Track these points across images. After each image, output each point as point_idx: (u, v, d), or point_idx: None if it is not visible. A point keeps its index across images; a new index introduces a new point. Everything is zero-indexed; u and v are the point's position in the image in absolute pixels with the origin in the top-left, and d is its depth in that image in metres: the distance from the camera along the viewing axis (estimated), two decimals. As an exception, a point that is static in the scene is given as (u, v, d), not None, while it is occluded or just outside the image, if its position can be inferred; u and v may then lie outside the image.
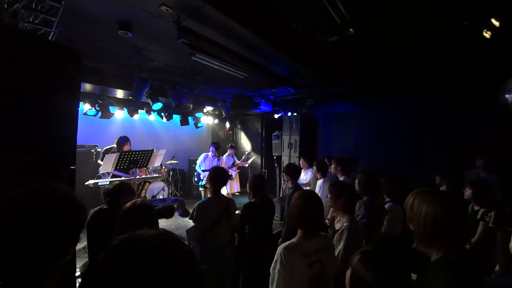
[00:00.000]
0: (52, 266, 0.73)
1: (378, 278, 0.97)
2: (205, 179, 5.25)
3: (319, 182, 3.65)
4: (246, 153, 6.82)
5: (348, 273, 1.08)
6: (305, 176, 4.24)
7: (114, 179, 4.63)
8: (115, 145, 4.66)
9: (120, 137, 4.64)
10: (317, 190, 3.66)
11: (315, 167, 3.83)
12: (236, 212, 2.56)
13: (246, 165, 6.73)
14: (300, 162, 4.38)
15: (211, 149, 5.64)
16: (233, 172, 5.96)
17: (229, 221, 2.35)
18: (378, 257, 1.04)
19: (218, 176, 2.43)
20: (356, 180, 2.56)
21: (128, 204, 1.54)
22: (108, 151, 4.59)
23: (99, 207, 2.14)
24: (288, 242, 1.49)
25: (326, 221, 2.78)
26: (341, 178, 3.33)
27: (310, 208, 1.54)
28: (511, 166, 3.50)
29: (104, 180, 4.57)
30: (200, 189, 5.52)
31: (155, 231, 0.61)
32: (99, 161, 4.97)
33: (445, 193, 1.23)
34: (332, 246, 1.63)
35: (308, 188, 4.17)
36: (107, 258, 0.56)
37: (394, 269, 1.00)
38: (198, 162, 5.60)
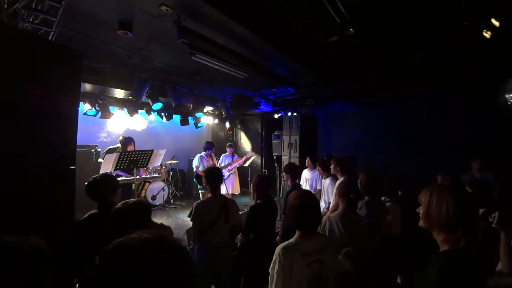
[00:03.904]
0: None
1: (360, 269, 1.06)
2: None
3: (327, 181, 3.67)
4: (249, 153, 6.79)
5: (335, 270, 1.17)
6: (310, 175, 4.26)
7: (117, 178, 4.64)
8: (119, 145, 4.67)
9: (125, 138, 4.64)
10: (324, 189, 3.68)
11: (319, 168, 3.85)
12: (240, 212, 2.55)
13: (246, 165, 6.71)
14: (306, 161, 4.41)
15: (206, 151, 5.61)
16: (225, 173, 5.88)
17: (226, 223, 2.32)
18: (360, 253, 1.14)
19: (212, 175, 2.43)
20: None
21: (120, 204, 1.50)
22: (112, 151, 4.59)
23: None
24: (286, 243, 1.49)
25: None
26: (341, 178, 3.33)
27: (306, 208, 1.53)
28: (509, 166, 3.51)
29: (104, 180, 4.56)
30: (201, 191, 5.49)
31: (150, 234, 0.60)
32: (100, 160, 4.98)
33: (459, 187, 1.29)
34: (331, 245, 1.63)
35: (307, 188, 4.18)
36: (100, 266, 0.56)
37: (376, 263, 1.08)
38: (194, 164, 5.53)
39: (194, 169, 5.50)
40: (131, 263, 0.54)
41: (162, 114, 6.23)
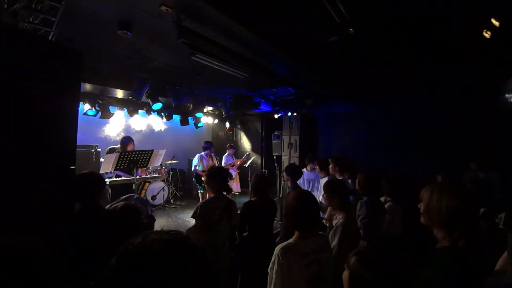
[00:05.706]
0: None
1: (378, 275, 0.99)
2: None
3: (323, 180, 3.68)
4: (246, 154, 6.84)
5: (346, 274, 1.08)
6: (311, 175, 4.28)
7: (117, 178, 4.65)
8: (119, 145, 4.69)
9: (124, 137, 4.66)
10: (321, 187, 3.70)
11: (317, 167, 3.88)
12: (238, 212, 2.57)
13: (246, 165, 6.73)
14: (306, 160, 4.44)
15: (205, 150, 5.61)
16: (233, 172, 5.95)
17: (229, 222, 2.34)
18: (375, 255, 1.07)
19: (216, 174, 2.43)
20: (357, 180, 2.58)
21: (108, 210, 1.50)
22: (112, 150, 4.61)
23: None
24: (285, 243, 1.49)
25: (324, 221, 2.78)
26: (340, 178, 3.34)
27: (305, 208, 1.53)
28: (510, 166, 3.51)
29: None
30: (200, 191, 5.50)
31: (171, 236, 0.60)
32: (101, 159, 4.99)
33: (460, 185, 1.29)
34: (330, 245, 1.63)
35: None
36: (120, 267, 0.55)
37: (393, 265, 1.02)
38: (194, 163, 5.54)
39: (194, 166, 5.52)
40: (156, 264, 0.53)
41: (162, 114, 6.23)
